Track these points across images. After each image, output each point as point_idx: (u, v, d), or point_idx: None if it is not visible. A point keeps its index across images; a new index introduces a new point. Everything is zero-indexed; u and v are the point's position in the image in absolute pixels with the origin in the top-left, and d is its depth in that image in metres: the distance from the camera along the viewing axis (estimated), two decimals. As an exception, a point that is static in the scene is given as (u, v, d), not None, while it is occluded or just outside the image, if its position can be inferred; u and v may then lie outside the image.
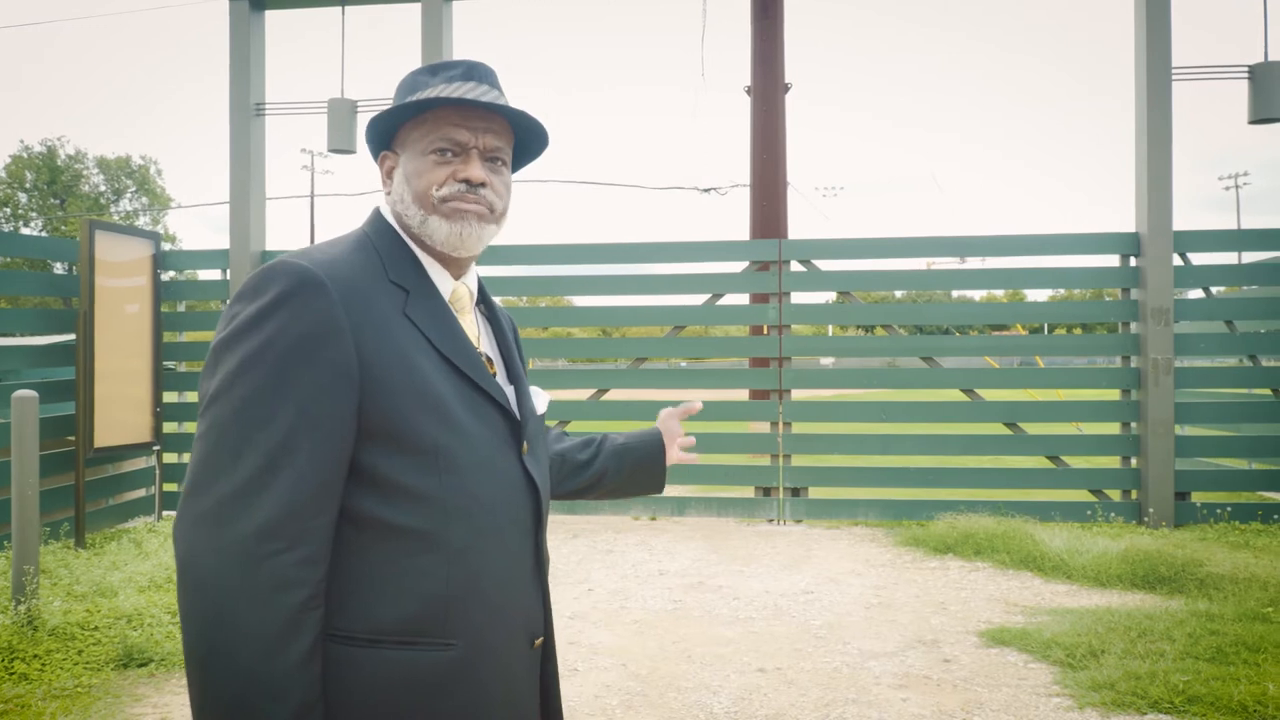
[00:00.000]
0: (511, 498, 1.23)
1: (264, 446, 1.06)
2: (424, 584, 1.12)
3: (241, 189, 7.87)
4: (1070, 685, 3.67)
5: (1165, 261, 7.02)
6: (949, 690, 3.72)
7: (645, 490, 1.72)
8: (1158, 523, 6.88)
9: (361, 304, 1.13)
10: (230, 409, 1.07)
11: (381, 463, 1.12)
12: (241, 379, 1.07)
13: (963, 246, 7.52)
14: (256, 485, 1.05)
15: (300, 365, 1.08)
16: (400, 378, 1.13)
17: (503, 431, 1.24)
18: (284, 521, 1.05)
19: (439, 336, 1.20)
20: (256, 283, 1.12)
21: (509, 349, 1.37)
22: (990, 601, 5.05)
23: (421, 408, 1.13)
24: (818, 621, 4.70)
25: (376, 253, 1.22)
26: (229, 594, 1.03)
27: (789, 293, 7.58)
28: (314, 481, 1.07)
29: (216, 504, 1.05)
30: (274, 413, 1.06)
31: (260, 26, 7.97)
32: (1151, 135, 7.06)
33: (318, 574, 1.07)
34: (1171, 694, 3.43)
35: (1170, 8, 7.07)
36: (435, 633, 1.13)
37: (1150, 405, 6.99)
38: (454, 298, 1.28)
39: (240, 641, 1.03)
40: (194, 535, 1.06)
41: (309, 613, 1.06)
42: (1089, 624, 4.31)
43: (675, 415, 1.74)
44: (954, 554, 6.20)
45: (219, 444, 1.07)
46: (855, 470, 7.56)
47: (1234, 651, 3.83)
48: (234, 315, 1.11)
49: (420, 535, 1.13)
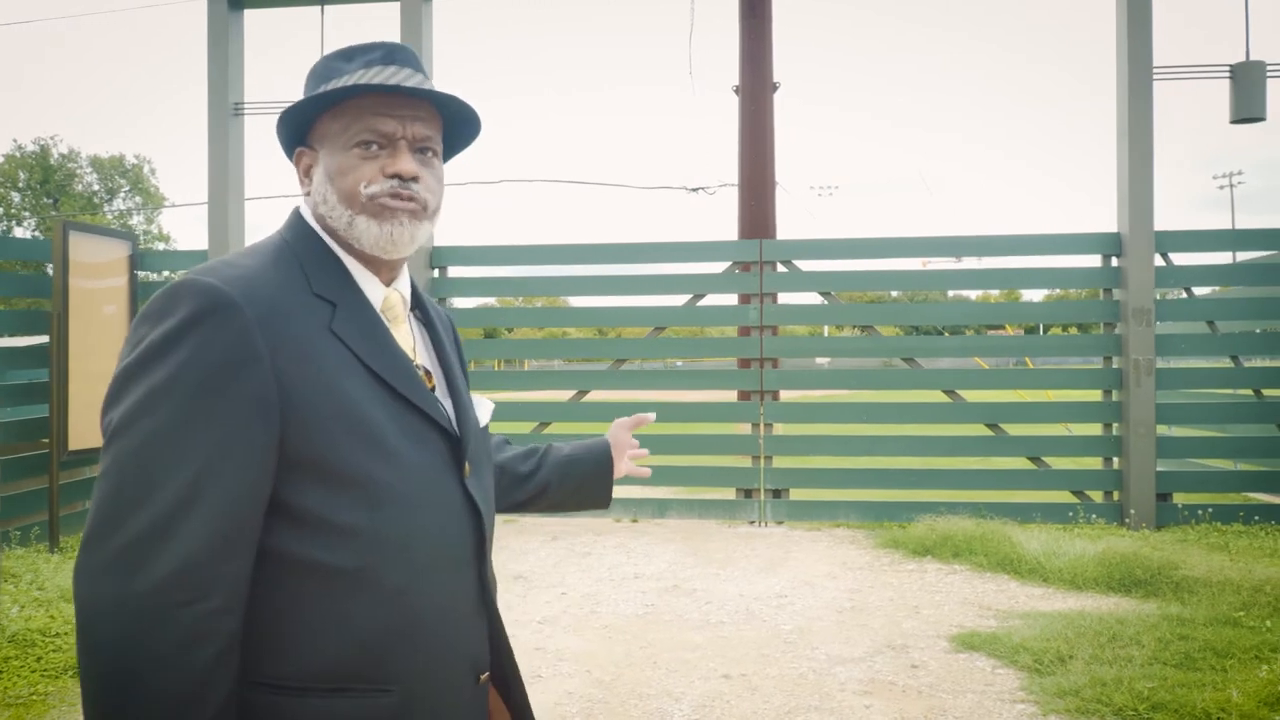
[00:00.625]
0: (451, 528, 1.14)
1: (170, 488, 0.97)
2: (357, 627, 1.04)
3: (220, 189, 7.81)
4: (1036, 691, 3.64)
5: (1146, 262, 6.99)
6: (914, 697, 3.68)
7: (591, 505, 1.63)
8: (1139, 524, 6.85)
9: (281, 324, 1.04)
10: (133, 446, 0.98)
11: (308, 498, 1.03)
12: (146, 414, 0.98)
13: (945, 247, 7.48)
14: (162, 531, 0.96)
15: (211, 398, 0.99)
16: (327, 405, 1.04)
17: (442, 454, 1.15)
18: (193, 569, 0.96)
19: (370, 353, 1.10)
20: (162, 303, 1.02)
21: (447, 357, 1.27)
22: (964, 605, 5.02)
23: (351, 437, 1.05)
24: (788, 626, 4.67)
25: (298, 262, 1.12)
26: (133, 654, 0.94)
27: (774, 293, 7.55)
28: (226, 525, 0.98)
29: (118, 551, 0.96)
30: (182, 451, 0.98)
31: (239, 25, 7.92)
32: (1133, 135, 7.03)
33: (231, 625, 0.99)
34: (1136, 701, 3.39)
35: (1151, 7, 7.04)
36: (369, 678, 1.05)
37: (1132, 406, 6.96)
38: (386, 306, 1.18)
39: (147, 707, 0.94)
40: (93, 587, 0.96)
41: (220, 670, 0.98)
42: (1059, 628, 4.28)
43: (626, 426, 1.66)
44: (932, 556, 6.16)
45: (121, 486, 0.98)
46: (837, 472, 7.52)
47: (1202, 657, 3.80)
48: (139, 339, 1.02)
49: (352, 575, 1.04)
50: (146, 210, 41.20)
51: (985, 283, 7.77)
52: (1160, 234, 7.03)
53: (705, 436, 7.77)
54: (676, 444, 7.66)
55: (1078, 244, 7.33)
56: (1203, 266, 7.30)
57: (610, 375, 7.84)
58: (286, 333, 1.04)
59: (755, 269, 7.51)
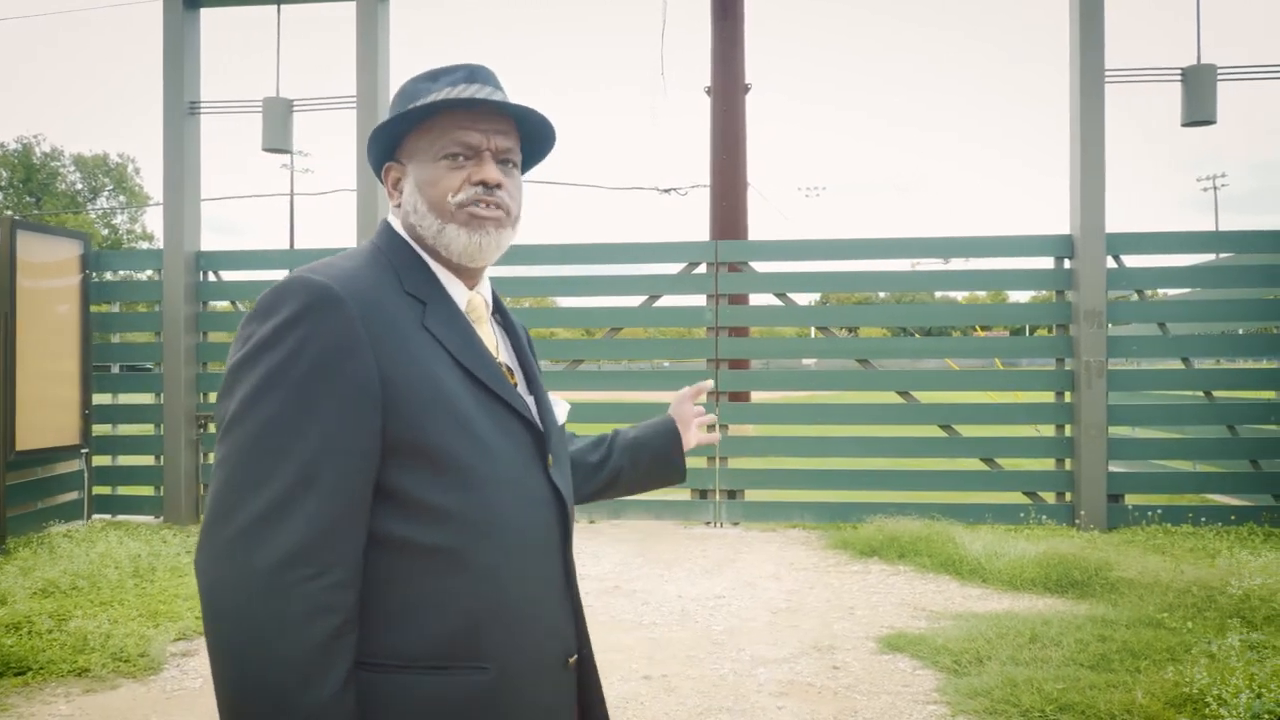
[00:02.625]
0: (539, 514, 1.19)
1: (287, 470, 1.02)
2: (453, 605, 1.09)
3: (175, 189, 7.77)
4: (950, 693, 3.65)
5: (1098, 264, 7.01)
6: (829, 698, 3.69)
7: (667, 481, 1.65)
8: (1089, 525, 6.88)
9: (380, 317, 1.10)
10: (250, 433, 1.03)
11: (406, 480, 1.08)
12: (260, 401, 1.04)
13: (898, 249, 7.50)
14: (281, 511, 1.01)
15: (321, 384, 1.04)
16: (424, 392, 1.10)
17: (527, 445, 1.20)
18: (312, 547, 1.01)
19: (459, 348, 1.16)
20: (271, 300, 1.08)
21: (526, 357, 1.34)
22: (900, 606, 5.03)
23: (446, 423, 1.10)
24: (720, 627, 4.67)
25: (390, 265, 1.19)
26: (259, 625, 0.99)
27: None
28: (341, 503, 1.04)
29: (239, 532, 1.01)
30: (296, 435, 1.03)
31: (195, 24, 7.88)
32: (1084, 138, 7.06)
33: (350, 599, 1.04)
34: (1044, 702, 3.40)
35: (1103, 11, 7.07)
36: (466, 656, 1.09)
37: (1083, 407, 6.98)
38: (470, 308, 1.25)
39: (273, 674, 0.99)
40: (218, 567, 1.02)
41: (342, 640, 1.02)
42: (985, 629, 4.29)
43: (687, 398, 1.68)
44: (879, 557, 6.18)
45: (239, 470, 1.03)
46: (793, 473, 7.53)
47: (1117, 658, 3.81)
48: (249, 335, 1.08)
49: (447, 554, 1.09)
50: (130, 209, 41.03)
51: (938, 284, 7.78)
52: (1112, 236, 7.06)
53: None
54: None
55: (1030, 246, 7.35)
56: (1154, 269, 7.34)
57: (566, 375, 7.84)
58: (385, 326, 1.10)
59: (710, 269, 7.51)
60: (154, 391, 7.83)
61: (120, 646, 4.11)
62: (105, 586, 5.15)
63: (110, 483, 7.86)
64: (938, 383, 7.68)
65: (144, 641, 4.16)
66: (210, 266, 7.92)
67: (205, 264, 7.89)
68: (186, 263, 7.70)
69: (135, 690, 3.81)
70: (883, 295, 41.69)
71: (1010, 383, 7.78)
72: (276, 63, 7.99)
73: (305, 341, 1.05)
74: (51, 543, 6.24)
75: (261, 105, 7.78)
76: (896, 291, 8.10)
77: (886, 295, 39.84)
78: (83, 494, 7.37)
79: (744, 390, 7.60)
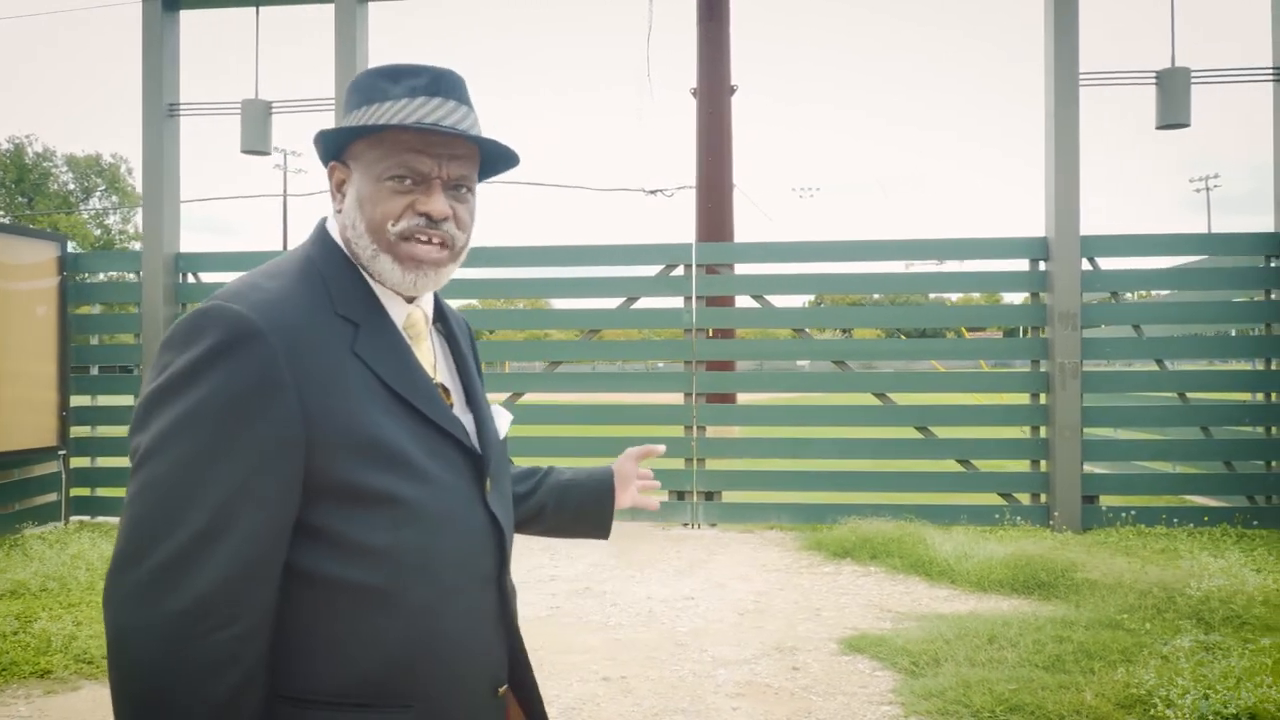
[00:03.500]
0: (474, 545, 1.16)
1: (199, 515, 0.98)
2: (381, 645, 1.07)
3: (155, 190, 7.79)
4: (905, 694, 3.67)
5: (1073, 266, 7.04)
6: (785, 699, 3.71)
7: (587, 534, 1.59)
8: (1063, 526, 6.91)
9: (305, 349, 1.05)
10: (160, 473, 1.00)
11: (335, 520, 1.05)
12: (176, 439, 1.00)
13: (876, 251, 7.52)
14: (189, 559, 0.98)
15: (239, 426, 1.00)
16: (351, 429, 1.05)
17: (463, 471, 1.16)
18: (221, 596, 0.98)
19: (391, 374, 1.11)
20: (188, 330, 1.03)
21: (468, 371, 1.28)
22: (867, 607, 5.06)
23: (375, 460, 1.06)
24: (684, 629, 4.69)
25: (323, 281, 1.12)
26: (163, 675, 0.96)
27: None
28: (254, 552, 1.00)
29: (149, 576, 0.98)
30: (211, 478, 0.99)
31: (174, 26, 7.90)
32: (1059, 140, 7.09)
33: (256, 649, 1.01)
34: (995, 703, 3.43)
35: (1078, 13, 7.10)
36: (391, 694, 1.07)
37: (1058, 409, 7.01)
38: (409, 324, 1.19)
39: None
40: (124, 610, 0.99)
41: (245, 695, 1.00)
42: (946, 630, 4.32)
43: (634, 456, 1.61)
44: (851, 558, 6.20)
45: (148, 512, 0.99)
46: (770, 474, 7.55)
47: (1073, 659, 3.84)
48: (165, 365, 1.03)
49: (377, 594, 1.07)
50: (123, 210, 40.99)
51: (917, 286, 7.80)
52: (1086, 238, 7.09)
53: (640, 439, 7.78)
54: (610, 446, 7.67)
55: (1006, 248, 7.38)
56: (1129, 271, 7.37)
57: (545, 378, 7.85)
58: (311, 360, 1.05)
59: (688, 271, 7.53)
60: (133, 393, 7.83)
61: (84, 648, 4.12)
62: (75, 588, 5.16)
63: (90, 485, 7.86)
64: (914, 384, 7.71)
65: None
66: (190, 268, 7.93)
67: (185, 265, 7.90)
68: (166, 264, 7.71)
69: (96, 692, 3.82)
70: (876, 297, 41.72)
71: (987, 384, 7.81)
72: (255, 64, 8.01)
73: (224, 381, 1.00)
74: (25, 545, 6.25)
75: (240, 107, 7.80)
76: (876, 294, 8.10)
77: (880, 297, 39.90)
78: (60, 496, 7.37)
79: (721, 392, 7.63)
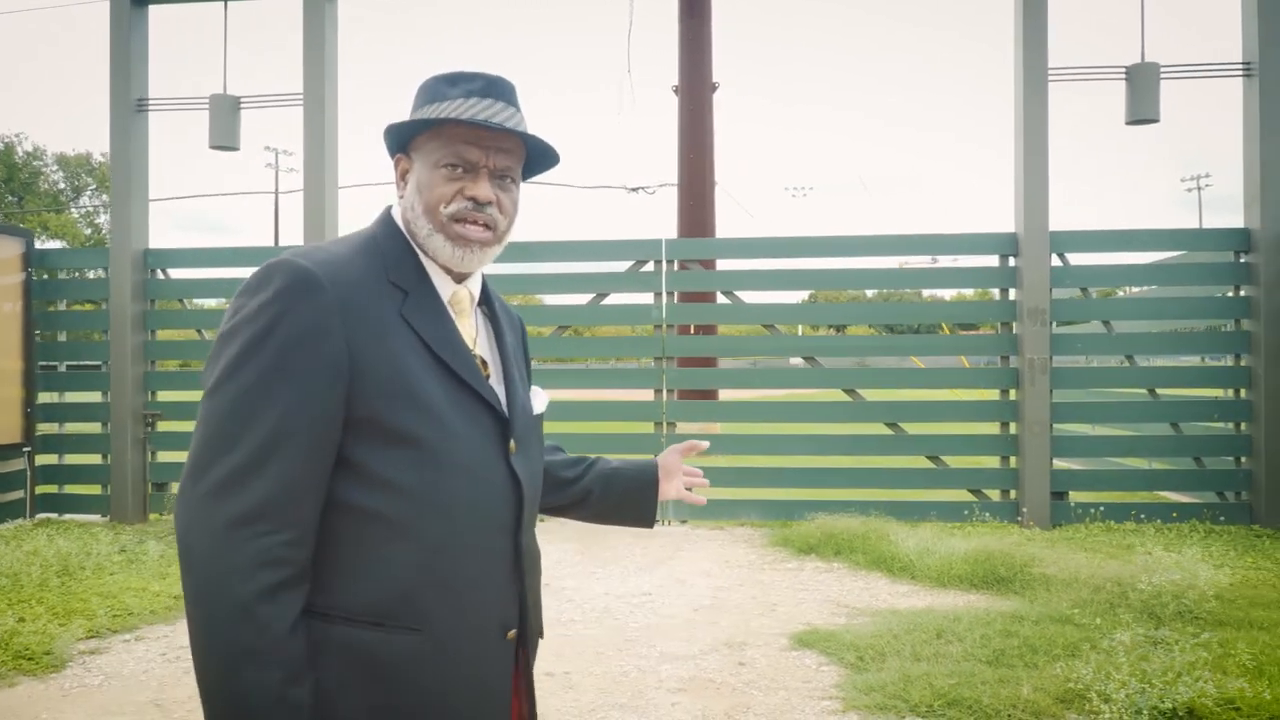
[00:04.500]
0: (493, 497, 1.27)
1: (259, 433, 1.13)
2: (394, 571, 1.19)
3: (123, 186, 7.75)
4: (847, 688, 3.64)
5: (1042, 262, 7.03)
6: (726, 694, 3.68)
7: (632, 522, 1.69)
8: (1031, 522, 6.89)
9: (357, 305, 1.20)
10: (229, 397, 1.14)
11: (366, 455, 1.19)
12: (241, 369, 1.15)
13: (841, 246, 7.50)
14: (250, 470, 1.12)
15: (293, 359, 1.15)
16: (390, 377, 1.19)
17: (491, 431, 1.28)
18: (273, 505, 1.12)
19: (433, 337, 1.25)
20: (259, 278, 1.19)
21: (507, 350, 1.40)
22: (824, 603, 5.03)
23: (407, 406, 1.19)
24: (636, 625, 4.66)
25: (381, 254, 1.28)
26: (220, 569, 1.11)
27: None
28: (304, 469, 1.14)
29: (213, 486, 1.13)
30: (270, 402, 1.14)
31: (142, 21, 7.85)
32: (1028, 136, 7.07)
33: (301, 555, 1.15)
34: (934, 697, 3.41)
35: (1047, 9, 7.09)
36: (403, 617, 1.19)
37: (1027, 405, 7.00)
38: (454, 300, 1.33)
39: (229, 613, 1.10)
40: (190, 515, 1.14)
41: (294, 589, 1.14)
42: (897, 625, 4.30)
43: (679, 451, 1.71)
44: (816, 554, 6.18)
45: (218, 430, 1.14)
46: (742, 470, 7.52)
47: (1017, 654, 3.82)
48: (237, 309, 1.19)
49: (396, 524, 1.19)
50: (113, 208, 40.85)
51: (886, 282, 7.78)
52: (1055, 234, 7.08)
53: (609, 435, 7.76)
54: (579, 444, 7.64)
55: (975, 244, 7.37)
56: (1098, 267, 7.35)
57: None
58: (362, 312, 1.20)
59: (657, 267, 7.51)
60: (101, 390, 7.80)
61: (25, 645, 4.08)
62: (28, 584, 5.12)
63: (57, 481, 7.82)
64: (885, 381, 7.69)
65: (49, 639, 4.13)
66: (159, 264, 7.89)
67: (154, 261, 7.86)
68: (134, 261, 7.67)
69: (33, 688, 3.79)
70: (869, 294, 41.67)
71: (958, 380, 7.80)
72: (224, 60, 7.97)
73: (285, 318, 1.15)
74: (-16, 541, 6.20)
75: (209, 102, 7.76)
76: (850, 290, 8.08)
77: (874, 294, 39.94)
78: (25, 493, 7.33)
79: (696, 389, 7.61)
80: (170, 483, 7.75)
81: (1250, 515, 6.90)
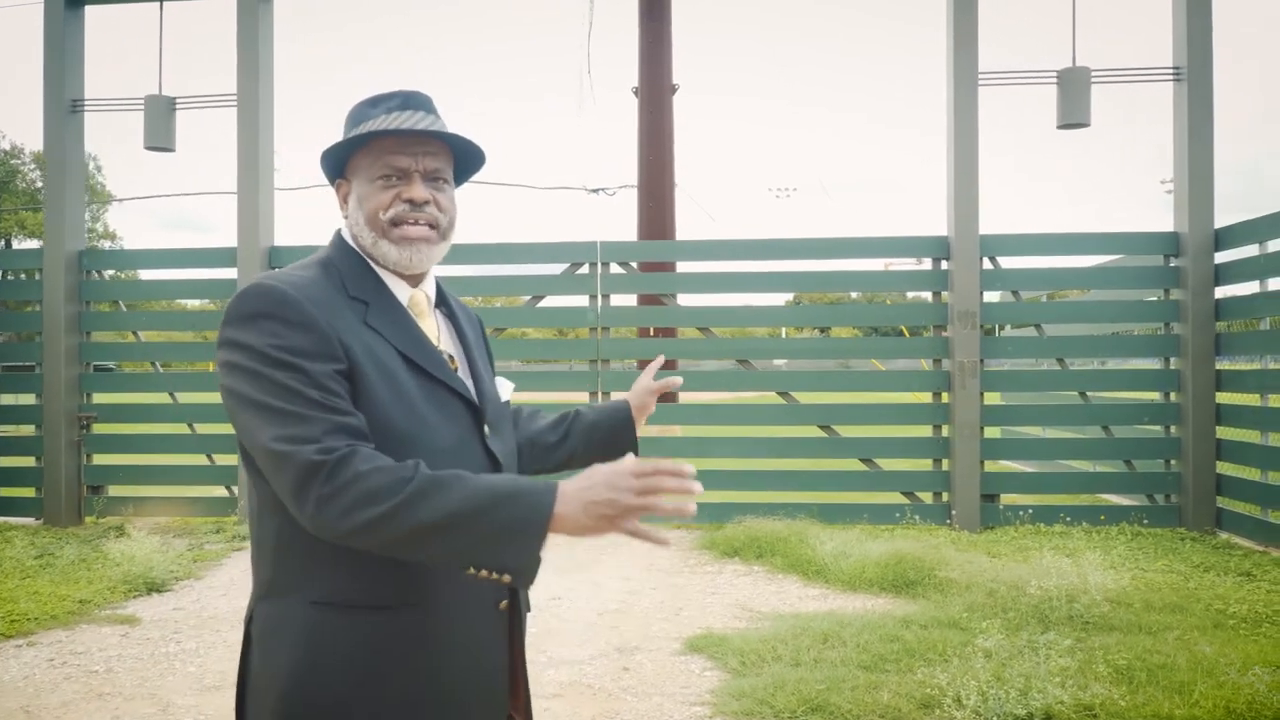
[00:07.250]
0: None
1: (291, 400, 1.20)
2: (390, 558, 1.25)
3: (57, 187, 7.70)
4: (721, 694, 3.65)
5: (972, 265, 7.05)
6: (600, 699, 3.68)
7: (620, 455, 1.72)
8: (960, 525, 6.91)
9: (332, 316, 1.29)
10: (247, 396, 1.22)
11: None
12: (257, 379, 1.22)
13: (776, 249, 7.50)
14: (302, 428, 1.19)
15: (301, 342, 1.23)
16: (370, 372, 1.28)
17: (465, 419, 1.38)
18: (339, 431, 1.20)
19: (400, 339, 1.34)
20: (237, 303, 1.27)
21: (469, 345, 1.50)
22: (731, 607, 5.03)
23: (389, 398, 1.29)
24: (534, 629, 4.65)
25: (338, 272, 1.37)
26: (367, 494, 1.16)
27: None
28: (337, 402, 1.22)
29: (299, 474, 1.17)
30: (286, 377, 1.21)
31: (77, 22, 7.81)
32: (959, 139, 7.09)
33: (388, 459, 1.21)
34: (799, 703, 3.41)
35: (977, 13, 7.11)
36: (405, 597, 1.29)
37: (957, 407, 7.02)
38: (412, 303, 1.43)
39: (414, 498, 1.16)
40: (327, 523, 1.17)
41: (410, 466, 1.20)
42: (788, 630, 4.30)
43: (648, 390, 1.78)
44: (739, 558, 6.18)
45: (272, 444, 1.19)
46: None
47: (895, 659, 3.83)
48: (233, 340, 1.26)
49: None
50: (92, 208, 40.65)
51: (820, 285, 7.77)
52: (986, 238, 7.10)
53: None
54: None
55: (907, 247, 7.39)
56: (1028, 270, 7.37)
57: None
58: (337, 322, 1.29)
59: (592, 269, 7.51)
60: (35, 392, 7.75)
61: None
62: (-68, 589, 5.09)
63: (-6, 484, 7.78)
64: (818, 383, 7.69)
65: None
66: (94, 266, 7.86)
67: (89, 263, 7.82)
68: (68, 262, 7.63)
69: (-93, 695, 3.76)
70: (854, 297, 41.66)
71: (890, 383, 7.81)
72: (159, 60, 7.93)
73: (272, 328, 1.23)
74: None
75: (144, 103, 7.72)
76: (791, 292, 8.08)
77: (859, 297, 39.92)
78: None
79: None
80: (105, 485, 7.72)
81: (1178, 518, 6.93)
